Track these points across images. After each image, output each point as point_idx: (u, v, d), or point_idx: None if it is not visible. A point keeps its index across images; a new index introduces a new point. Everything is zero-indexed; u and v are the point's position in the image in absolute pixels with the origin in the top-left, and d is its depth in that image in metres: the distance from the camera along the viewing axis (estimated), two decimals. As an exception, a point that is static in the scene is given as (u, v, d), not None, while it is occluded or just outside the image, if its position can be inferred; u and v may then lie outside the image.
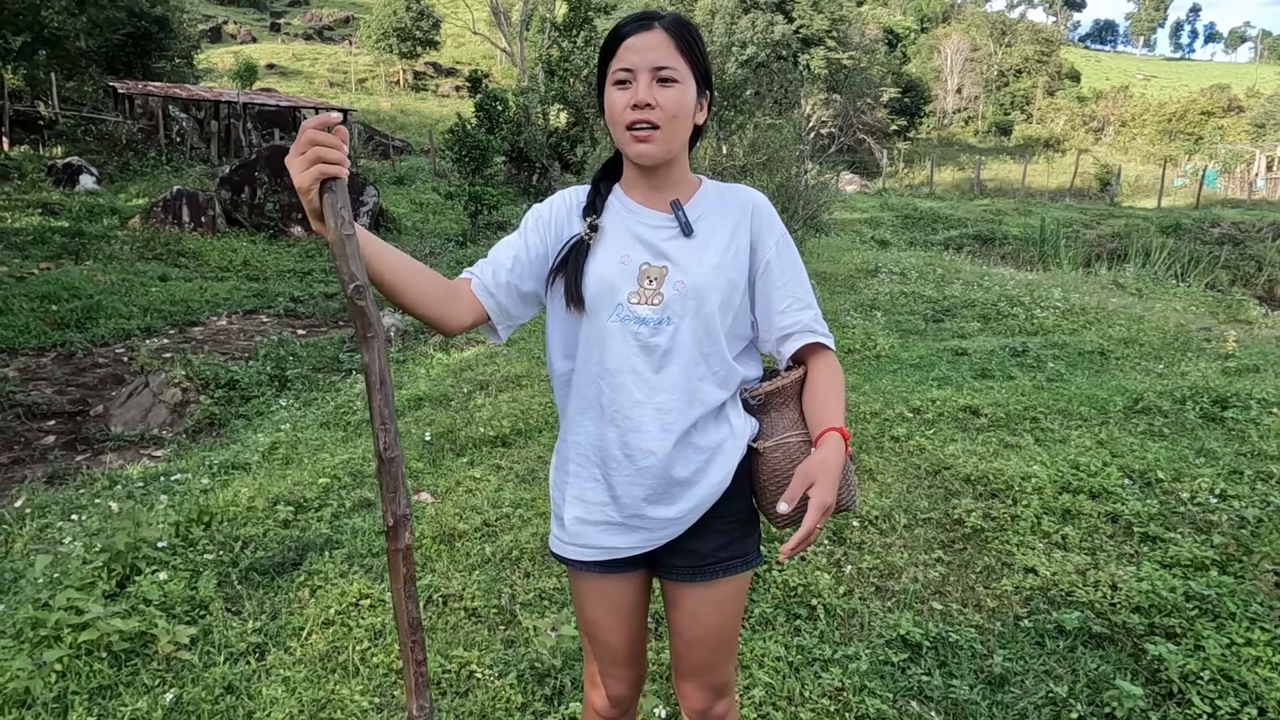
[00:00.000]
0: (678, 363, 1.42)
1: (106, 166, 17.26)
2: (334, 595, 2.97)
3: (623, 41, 1.37)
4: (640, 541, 1.48)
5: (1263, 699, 2.23)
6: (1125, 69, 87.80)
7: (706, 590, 1.51)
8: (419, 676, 1.26)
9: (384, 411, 1.19)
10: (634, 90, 1.36)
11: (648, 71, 1.35)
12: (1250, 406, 4.59)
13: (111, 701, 2.43)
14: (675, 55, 1.36)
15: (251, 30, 50.44)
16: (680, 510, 1.46)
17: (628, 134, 1.37)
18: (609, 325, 1.42)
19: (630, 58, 1.36)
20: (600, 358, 1.44)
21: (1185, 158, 43.99)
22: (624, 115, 1.36)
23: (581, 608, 1.60)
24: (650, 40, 1.36)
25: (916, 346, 6.84)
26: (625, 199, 1.48)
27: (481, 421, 4.94)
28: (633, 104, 1.35)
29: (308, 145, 1.16)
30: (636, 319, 1.42)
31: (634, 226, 1.45)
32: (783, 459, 1.44)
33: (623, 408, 1.43)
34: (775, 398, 1.49)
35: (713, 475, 1.46)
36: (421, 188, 19.56)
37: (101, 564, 3.07)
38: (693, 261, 1.43)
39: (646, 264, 1.43)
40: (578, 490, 1.51)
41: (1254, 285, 16.64)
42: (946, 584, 3.00)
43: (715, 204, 1.49)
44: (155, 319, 9.27)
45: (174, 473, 4.78)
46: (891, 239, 17.83)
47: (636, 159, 1.40)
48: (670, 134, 1.38)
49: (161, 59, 23.34)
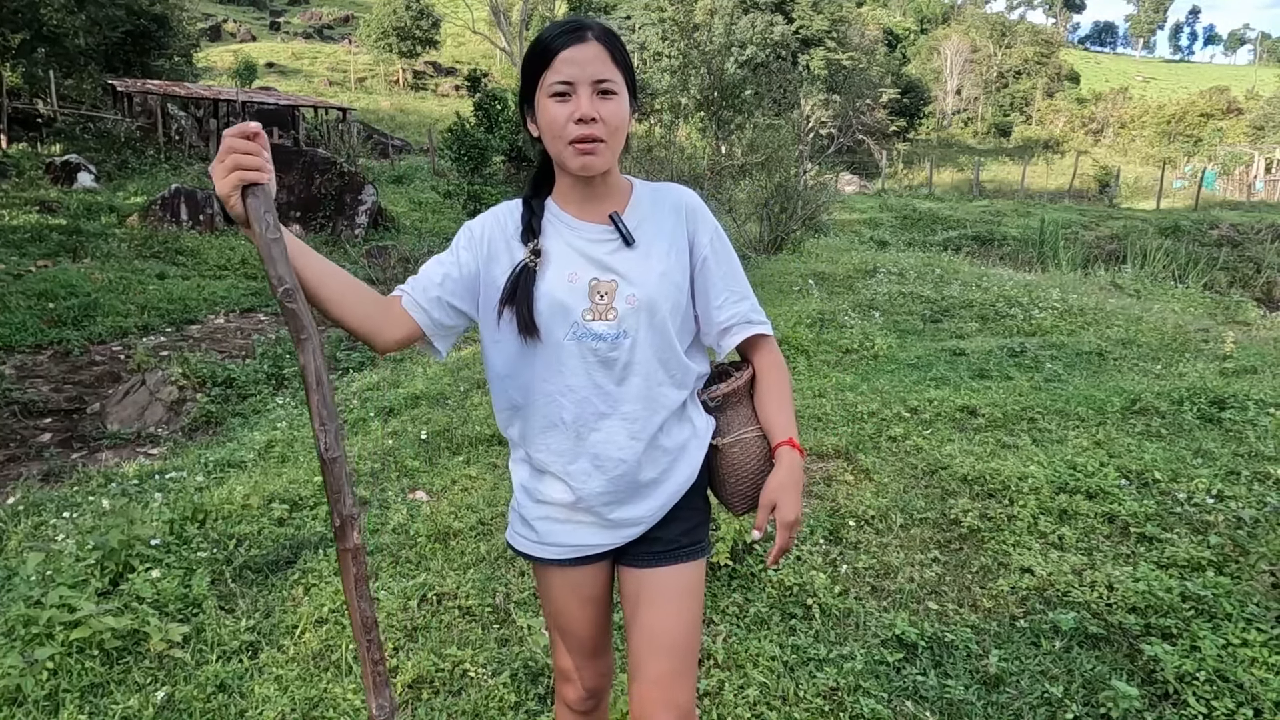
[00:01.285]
0: (639, 373, 1.44)
1: (105, 164, 17.24)
2: (328, 594, 2.96)
3: (558, 54, 1.34)
4: (610, 539, 1.51)
5: (1258, 699, 2.22)
6: (1125, 71, 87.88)
7: (671, 574, 1.51)
8: (377, 675, 1.26)
9: (323, 412, 1.18)
10: (575, 103, 1.33)
11: (588, 84, 1.33)
12: (1248, 408, 4.58)
13: (103, 699, 2.42)
14: (612, 67, 1.36)
15: (251, 29, 50.45)
16: (648, 509, 1.50)
17: (570, 148, 1.35)
18: (565, 344, 1.41)
19: (568, 70, 1.33)
20: (560, 376, 1.43)
21: (1184, 160, 44.05)
22: (567, 130, 1.34)
23: (550, 600, 1.60)
24: (587, 52, 1.34)
25: (914, 346, 6.83)
26: (561, 214, 1.46)
27: (478, 420, 4.93)
28: (577, 118, 1.33)
29: (227, 153, 1.18)
30: (593, 335, 1.41)
31: (575, 242, 1.44)
32: (740, 454, 1.52)
33: (589, 421, 1.44)
34: (731, 398, 1.54)
35: (679, 474, 1.51)
36: (420, 187, 19.55)
37: (94, 561, 3.06)
38: (639, 272, 1.43)
39: (595, 279, 1.42)
40: (544, 498, 1.51)
41: (1252, 287, 16.65)
42: (942, 584, 2.99)
43: (650, 209, 1.49)
44: (152, 317, 9.27)
45: (169, 470, 4.77)
46: (890, 239, 17.83)
47: (581, 171, 1.38)
48: (614, 146, 1.38)
49: (161, 57, 23.34)
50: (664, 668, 1.47)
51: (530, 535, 1.55)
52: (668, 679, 1.47)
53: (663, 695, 1.46)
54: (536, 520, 1.53)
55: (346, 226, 14.33)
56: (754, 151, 14.21)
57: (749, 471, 1.51)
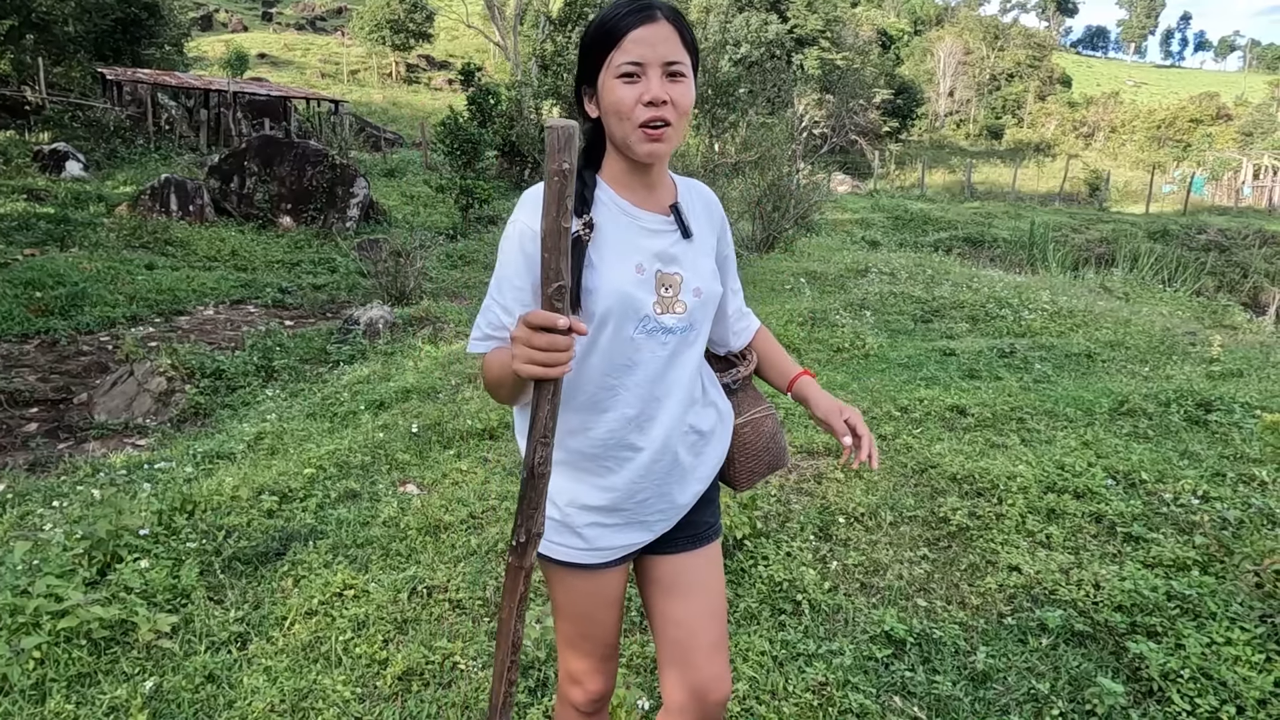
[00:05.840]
0: (694, 364, 1.47)
1: (94, 153, 17.10)
2: (317, 585, 2.95)
3: (628, 33, 1.29)
4: (650, 533, 1.51)
5: (1241, 697, 2.24)
6: (1116, 75, 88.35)
7: (706, 555, 1.58)
8: (508, 696, 1.26)
9: (548, 425, 1.15)
10: (645, 85, 1.29)
11: (658, 66, 1.30)
12: (1234, 410, 4.63)
13: (90, 689, 2.40)
14: (681, 49, 1.32)
15: (243, 19, 50.09)
16: (690, 495, 1.52)
17: (639, 131, 1.31)
18: (635, 338, 1.37)
19: (638, 50, 1.29)
20: (629, 371, 1.39)
21: (1174, 165, 44.33)
22: (637, 112, 1.30)
23: (574, 605, 1.53)
24: (659, 33, 1.30)
25: (905, 346, 6.86)
26: (619, 200, 1.40)
27: (469, 414, 4.92)
28: (647, 100, 1.29)
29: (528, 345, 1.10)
30: (664, 329, 1.39)
31: (637, 232, 1.39)
32: (751, 433, 1.59)
33: (651, 413, 1.43)
34: (747, 382, 1.64)
35: (713, 457, 1.54)
36: (413, 180, 19.47)
37: (82, 551, 3.05)
38: (699, 265, 1.44)
39: (660, 271, 1.39)
40: (592, 502, 1.46)
41: (1239, 292, 16.82)
42: (931, 581, 3.01)
43: (691, 202, 1.49)
44: (141, 307, 9.20)
45: (158, 461, 4.74)
46: (882, 240, 17.89)
47: (648, 157, 1.34)
48: (680, 130, 1.34)
49: (151, 46, 23.13)
50: (715, 639, 1.55)
51: (576, 543, 1.48)
52: (720, 651, 1.56)
53: (720, 668, 1.55)
54: (585, 527, 1.46)
55: (338, 219, 14.26)
56: (747, 150, 14.24)
57: (757, 449, 1.59)
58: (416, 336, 7.90)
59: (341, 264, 12.09)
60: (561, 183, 1.05)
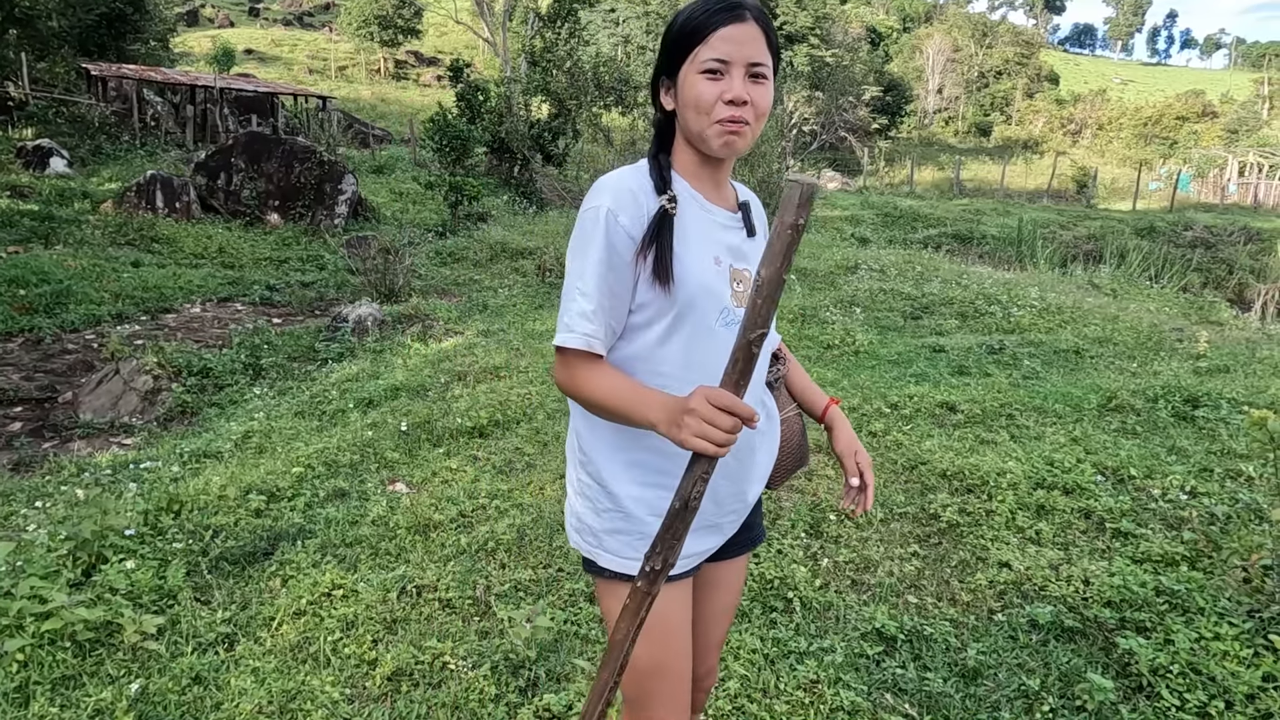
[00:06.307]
0: (763, 358, 1.48)
1: (78, 149, 16.93)
2: (306, 585, 2.93)
3: (716, 30, 1.29)
4: (722, 537, 1.50)
5: (1230, 692, 2.25)
6: (1103, 73, 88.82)
7: (748, 556, 1.64)
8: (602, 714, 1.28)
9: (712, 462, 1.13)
10: (728, 83, 1.29)
11: (742, 65, 1.30)
12: (1221, 406, 4.66)
13: (75, 692, 2.37)
14: (766, 50, 1.32)
15: (230, 15, 49.74)
16: (755, 493, 1.53)
17: (716, 126, 1.31)
18: (717, 330, 1.36)
19: (725, 48, 1.29)
20: (708, 362, 1.35)
21: (1160, 162, 44.61)
22: (717, 109, 1.30)
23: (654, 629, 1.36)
24: (746, 33, 1.30)
25: (895, 343, 6.88)
26: (694, 192, 1.39)
27: (459, 412, 4.90)
28: (729, 99, 1.29)
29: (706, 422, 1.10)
30: (737, 321, 1.38)
31: (711, 225, 1.39)
32: (786, 430, 1.61)
33: None
34: (783, 381, 1.65)
35: (771, 454, 1.56)
36: (401, 177, 19.37)
37: (67, 552, 3.01)
38: None
39: (733, 266, 1.40)
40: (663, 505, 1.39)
41: (1225, 288, 16.93)
42: (922, 578, 3.01)
43: (752, 203, 1.51)
44: (127, 305, 9.11)
45: (144, 461, 4.70)
46: (871, 237, 17.93)
47: (722, 151, 1.34)
48: (757, 131, 1.35)
49: (136, 41, 22.92)
50: (723, 635, 1.65)
51: None
52: (721, 647, 1.66)
53: (715, 661, 1.67)
54: None
55: (326, 216, 14.17)
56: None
57: (792, 447, 1.61)
58: (405, 334, 7.86)
59: (330, 261, 12.02)
60: (793, 237, 1.05)
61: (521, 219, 16.47)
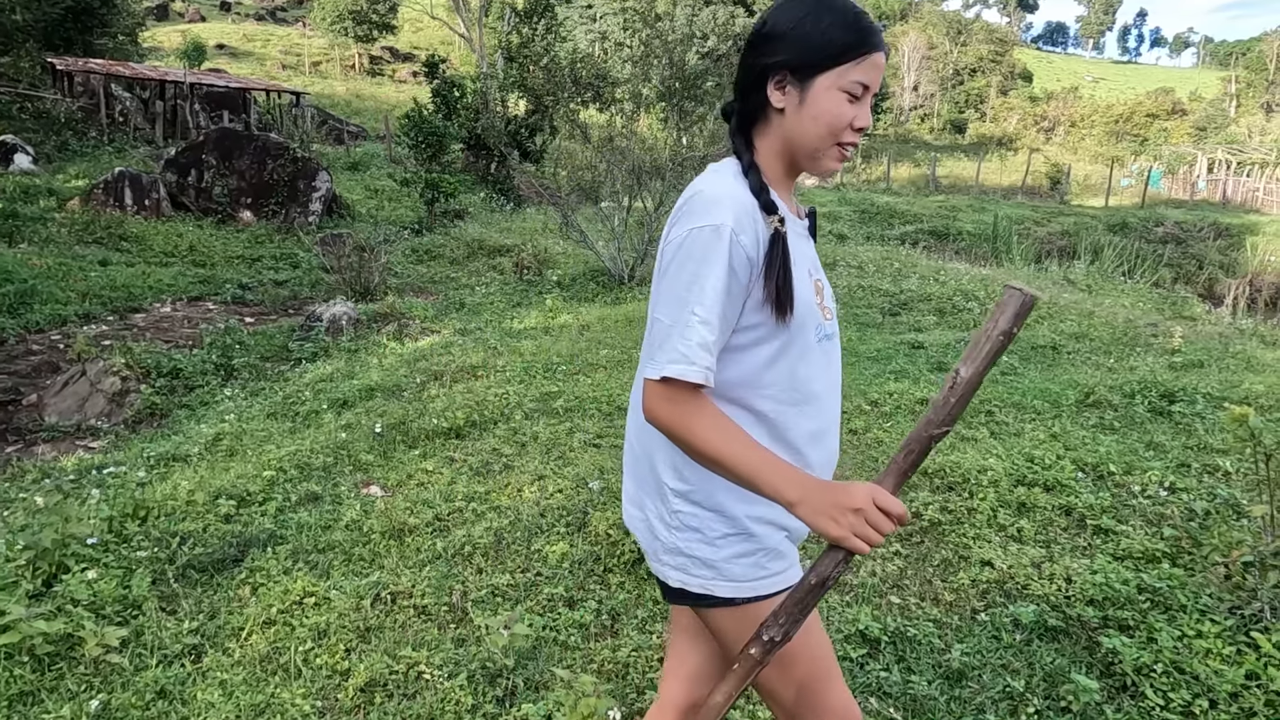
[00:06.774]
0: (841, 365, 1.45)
1: (44, 146, 16.56)
2: (276, 593, 2.85)
3: (873, 53, 1.25)
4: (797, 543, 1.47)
5: (1214, 691, 2.24)
6: (1075, 70, 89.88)
7: None
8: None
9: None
10: (860, 110, 1.27)
11: (871, 95, 1.29)
12: (1196, 401, 4.69)
13: (33, 708, 2.29)
14: None
15: (200, 9, 49.00)
16: None
17: (836, 149, 1.29)
18: (816, 346, 1.32)
19: (873, 75, 1.27)
20: (825, 374, 1.35)
21: (1131, 159, 45.18)
22: (846, 133, 1.28)
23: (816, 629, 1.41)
24: (884, 63, 1.29)
25: (874, 340, 6.87)
26: (782, 204, 1.32)
27: (435, 413, 4.82)
28: (858, 126, 1.27)
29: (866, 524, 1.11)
30: (827, 335, 1.36)
31: (798, 237, 1.35)
32: None
33: (828, 421, 1.38)
34: None
35: None
36: (377, 174, 19.16)
37: (25, 562, 2.91)
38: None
39: (816, 278, 1.37)
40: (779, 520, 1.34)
41: (1195, 283, 17.18)
42: (905, 578, 2.99)
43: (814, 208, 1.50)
44: (94, 305, 8.91)
45: (109, 465, 4.57)
46: (849, 233, 17.99)
47: (826, 173, 1.34)
48: None
49: (104, 35, 22.43)
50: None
51: (780, 566, 1.36)
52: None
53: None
54: (783, 543, 1.37)
55: (300, 213, 13.96)
56: (715, 143, 14.17)
57: None
58: (381, 333, 7.74)
59: (304, 259, 11.84)
60: (1003, 344, 1.05)
61: (499, 216, 16.35)
